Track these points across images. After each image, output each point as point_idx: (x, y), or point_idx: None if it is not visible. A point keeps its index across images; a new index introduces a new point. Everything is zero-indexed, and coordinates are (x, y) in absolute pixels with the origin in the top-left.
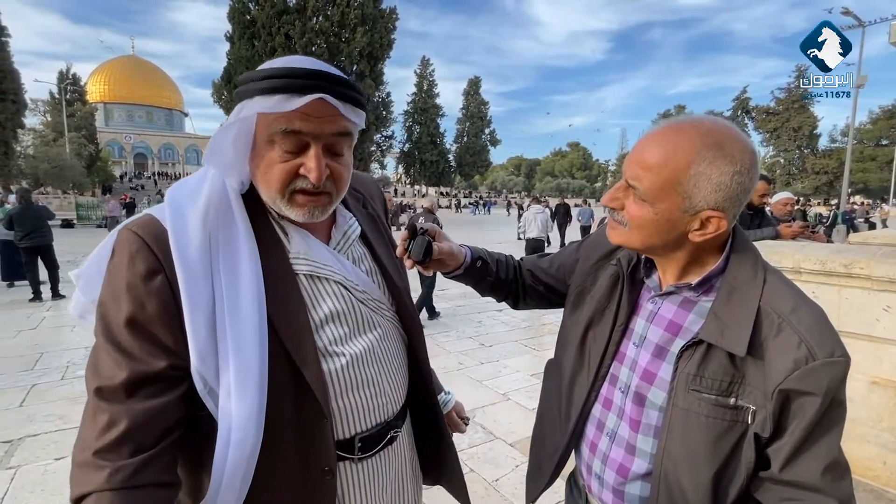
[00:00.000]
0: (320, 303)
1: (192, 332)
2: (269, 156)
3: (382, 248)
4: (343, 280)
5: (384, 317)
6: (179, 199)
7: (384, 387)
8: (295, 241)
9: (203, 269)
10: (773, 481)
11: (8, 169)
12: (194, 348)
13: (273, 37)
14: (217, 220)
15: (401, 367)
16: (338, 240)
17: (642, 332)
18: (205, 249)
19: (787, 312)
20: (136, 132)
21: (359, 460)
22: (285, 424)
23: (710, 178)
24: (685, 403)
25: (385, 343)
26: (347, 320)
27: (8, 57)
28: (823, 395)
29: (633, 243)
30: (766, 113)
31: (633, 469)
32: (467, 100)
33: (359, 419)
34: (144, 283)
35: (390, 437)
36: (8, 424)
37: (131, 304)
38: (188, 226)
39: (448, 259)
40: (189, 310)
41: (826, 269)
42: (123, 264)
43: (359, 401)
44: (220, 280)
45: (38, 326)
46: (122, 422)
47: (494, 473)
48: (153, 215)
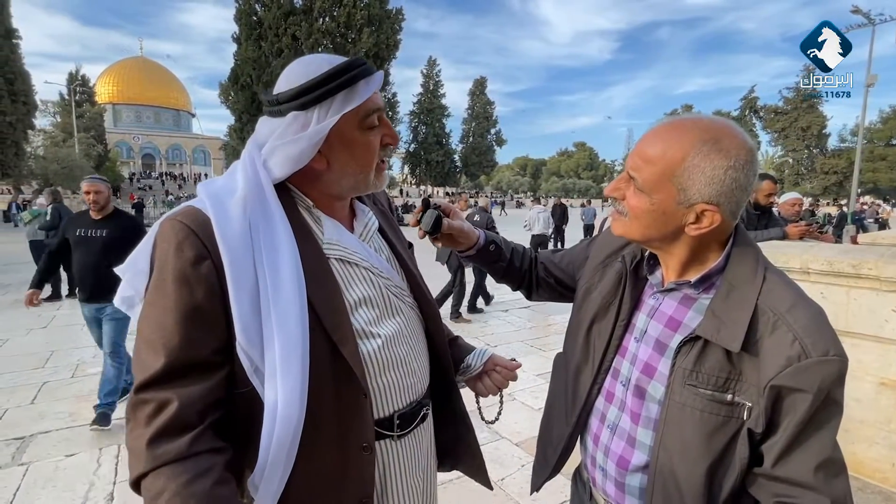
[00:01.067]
0: (353, 286)
1: (237, 313)
2: (362, 141)
3: (397, 241)
4: (370, 266)
5: (405, 303)
6: (216, 191)
7: (414, 366)
8: (328, 228)
9: (246, 253)
10: (767, 477)
11: (19, 169)
12: (240, 328)
13: (280, 38)
14: (254, 208)
15: (424, 349)
16: (360, 230)
17: (643, 327)
18: (246, 235)
19: (783, 311)
20: (144, 133)
21: (398, 437)
22: (326, 402)
23: (703, 171)
24: (681, 398)
25: (410, 326)
26: (377, 304)
27: (19, 59)
28: (815, 392)
29: (633, 234)
30: (775, 112)
31: (633, 461)
32: (473, 100)
33: (396, 397)
34: (194, 268)
35: (423, 413)
36: (20, 421)
37: (181, 290)
38: (229, 213)
39: (460, 237)
40: (235, 292)
41: (834, 269)
42: (171, 253)
43: (394, 380)
44: (263, 263)
45: (49, 325)
46: (169, 408)
47: (500, 473)
48: (194, 206)
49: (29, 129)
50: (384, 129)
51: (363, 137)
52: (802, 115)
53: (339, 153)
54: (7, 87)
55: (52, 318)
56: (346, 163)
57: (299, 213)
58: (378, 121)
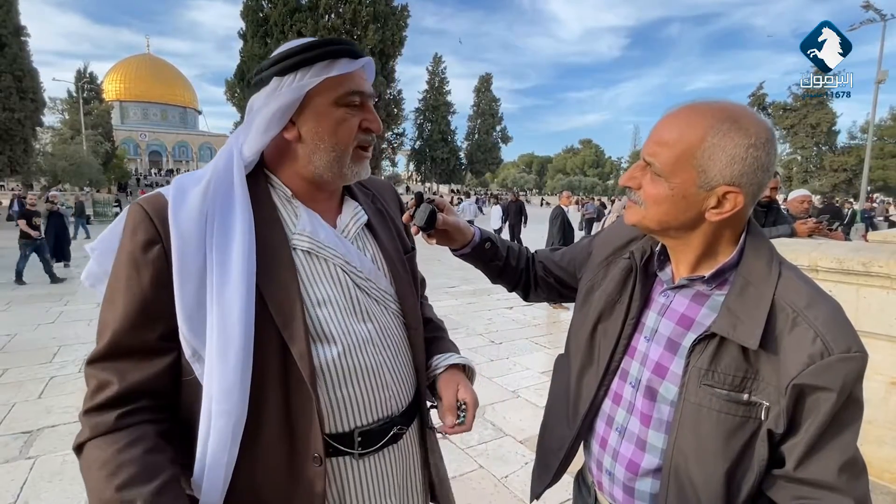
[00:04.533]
0: (316, 283)
1: (180, 299)
2: (336, 116)
3: (389, 241)
4: (344, 264)
5: (388, 308)
6: (184, 180)
7: (386, 379)
8: (302, 219)
9: (197, 241)
10: (787, 479)
11: (27, 166)
12: (182, 315)
13: (286, 34)
14: (216, 197)
15: (407, 362)
16: (343, 225)
17: (653, 326)
18: (200, 223)
19: (802, 307)
20: (150, 130)
21: (360, 456)
22: (273, 401)
23: (724, 150)
24: (697, 398)
25: (386, 335)
26: (342, 305)
27: (27, 56)
28: (839, 391)
29: (649, 222)
30: (783, 109)
31: (643, 465)
32: (478, 97)
33: (358, 412)
34: (143, 252)
35: (393, 434)
36: (27, 416)
37: (130, 273)
38: (187, 200)
39: (454, 233)
40: (179, 278)
41: (844, 267)
42: (127, 235)
43: (357, 392)
44: (213, 252)
45: (57, 320)
46: (109, 387)
47: (503, 470)
48: (160, 192)
49: (37, 127)
50: (366, 114)
51: (338, 113)
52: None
53: (311, 124)
54: (16, 85)
55: (60, 314)
56: (319, 136)
57: (272, 202)
58: (361, 104)
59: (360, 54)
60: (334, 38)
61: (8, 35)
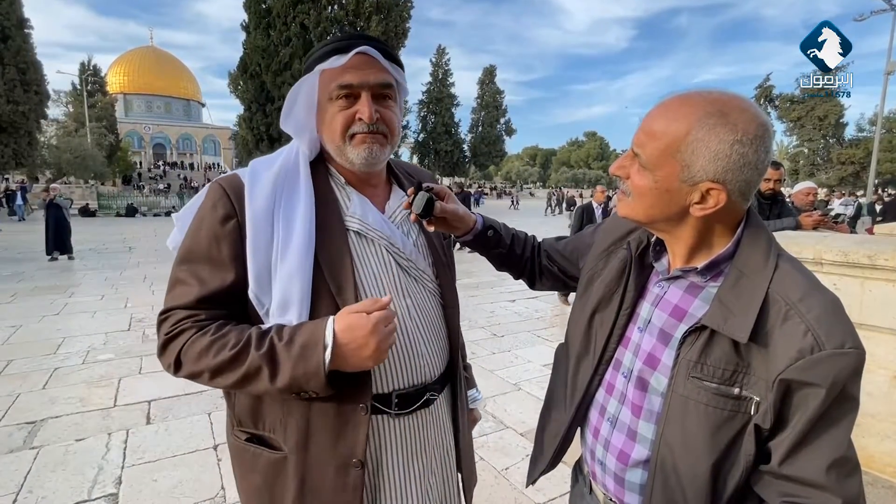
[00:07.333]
0: (364, 260)
1: (251, 264)
2: (331, 110)
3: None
4: (388, 245)
5: (425, 286)
6: (258, 165)
7: (421, 349)
8: (354, 203)
9: (266, 218)
10: (774, 475)
11: (32, 159)
12: (252, 276)
13: (288, 26)
14: (285, 181)
15: (440, 335)
16: (391, 210)
17: (647, 316)
18: (270, 201)
19: (796, 300)
20: (154, 123)
21: (395, 416)
22: None
23: (707, 146)
24: (685, 391)
25: (422, 309)
26: (386, 281)
27: (31, 48)
28: (829, 387)
29: (636, 214)
30: (791, 101)
31: (633, 455)
32: (482, 89)
33: (396, 376)
34: (221, 225)
35: (426, 398)
36: (31, 406)
37: (209, 240)
38: (261, 183)
39: (454, 221)
40: (251, 248)
41: (849, 260)
42: (208, 209)
43: (396, 359)
44: (279, 224)
45: (61, 312)
46: (199, 315)
47: (504, 462)
48: (238, 173)
49: (42, 119)
50: (358, 105)
51: (330, 108)
52: (819, 103)
53: (319, 122)
54: (20, 77)
55: (65, 306)
56: (322, 131)
57: (330, 186)
58: (355, 95)
59: (350, 48)
60: (333, 38)
61: (11, 27)
